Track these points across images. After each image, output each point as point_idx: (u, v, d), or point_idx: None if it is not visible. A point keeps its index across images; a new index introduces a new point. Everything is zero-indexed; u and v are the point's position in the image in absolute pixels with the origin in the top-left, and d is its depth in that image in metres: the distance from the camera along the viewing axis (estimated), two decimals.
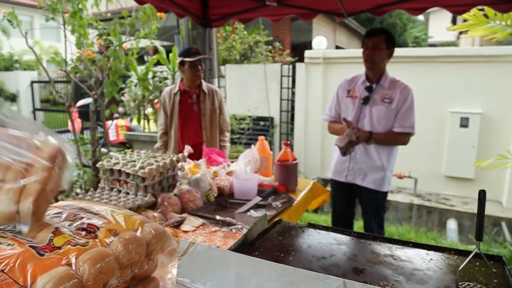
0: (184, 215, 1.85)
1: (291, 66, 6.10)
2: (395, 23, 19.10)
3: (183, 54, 2.99)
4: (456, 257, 1.17)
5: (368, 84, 2.63)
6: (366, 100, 2.60)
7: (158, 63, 5.49)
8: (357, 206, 2.89)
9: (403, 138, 2.57)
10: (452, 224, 4.32)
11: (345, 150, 2.42)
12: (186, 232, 1.69)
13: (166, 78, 4.86)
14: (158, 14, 3.77)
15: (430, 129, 4.95)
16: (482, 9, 3.10)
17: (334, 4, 3.06)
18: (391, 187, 4.92)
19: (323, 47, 6.18)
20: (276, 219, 1.60)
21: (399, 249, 1.23)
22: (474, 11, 3.01)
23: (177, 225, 1.75)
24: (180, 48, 4.33)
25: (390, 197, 4.82)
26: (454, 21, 10.87)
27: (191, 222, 1.78)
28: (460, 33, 12.91)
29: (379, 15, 3.19)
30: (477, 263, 1.10)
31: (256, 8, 3.36)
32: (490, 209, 4.39)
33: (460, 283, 1.00)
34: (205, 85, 3.15)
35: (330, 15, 9.50)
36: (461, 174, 4.80)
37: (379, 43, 2.49)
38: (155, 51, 5.54)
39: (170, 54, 5.52)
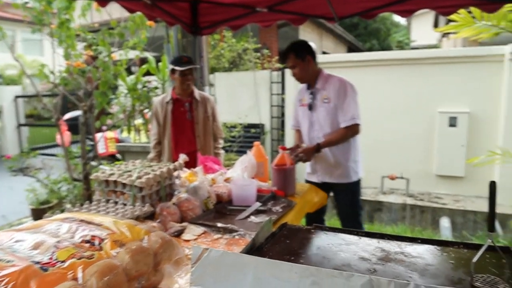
0: (184, 224, 1.82)
1: (280, 73, 6.13)
2: (379, 28, 19.41)
3: (174, 62, 2.98)
4: (466, 250, 1.17)
5: (310, 90, 2.76)
6: (311, 107, 2.73)
7: (147, 73, 5.46)
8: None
9: (350, 131, 2.63)
10: (445, 222, 4.36)
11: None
12: (187, 241, 1.66)
13: (156, 88, 4.83)
14: (148, 22, 3.76)
15: (419, 129, 5.01)
16: (469, 11, 3.16)
17: (325, 8, 3.08)
18: (384, 188, 5.01)
19: None
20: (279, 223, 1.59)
21: (408, 245, 1.22)
22: (462, 12, 3.06)
23: (178, 234, 1.72)
24: (170, 57, 4.32)
25: (383, 198, 4.85)
26: (435, 25, 11.07)
27: (192, 231, 1.75)
28: (443, 36, 13.15)
29: (369, 18, 3.22)
30: (487, 255, 1.10)
31: (246, 15, 3.37)
32: (481, 206, 4.45)
33: (474, 275, 1.00)
34: (197, 92, 3.14)
35: (318, 20, 9.61)
36: (451, 172, 4.86)
37: (293, 63, 2.66)
38: (142, 62, 5.52)
39: (160, 64, 5.50)
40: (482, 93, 4.71)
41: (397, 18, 25.92)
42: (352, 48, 15.20)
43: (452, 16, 3.09)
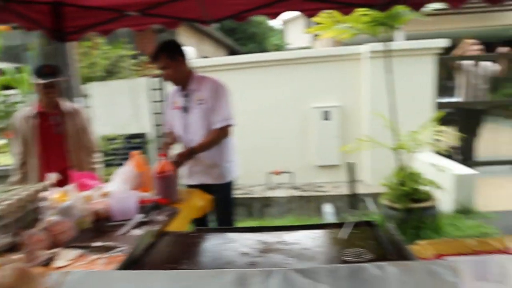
0: (55, 250, 1.62)
1: (159, 79, 5.96)
2: (256, 32, 20.28)
3: (36, 73, 2.68)
4: (338, 230, 1.26)
5: (183, 92, 2.71)
6: (185, 109, 2.69)
7: (7, 86, 4.81)
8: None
9: (223, 132, 2.65)
10: (327, 208, 4.70)
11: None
12: (60, 268, 1.48)
13: (18, 102, 4.28)
14: (1, 28, 3.30)
15: (298, 125, 5.37)
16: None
17: (198, 11, 3.08)
18: (271, 184, 5.23)
19: (191, 57, 6.18)
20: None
21: (287, 234, 1.27)
22: (324, 14, 3.33)
23: (47, 263, 1.52)
24: (33, 66, 3.87)
25: (270, 194, 5.06)
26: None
27: (65, 256, 1.57)
28: (314, 38, 14.33)
29: (241, 20, 3.31)
30: (356, 231, 1.20)
31: (116, 19, 3.18)
32: (357, 189, 4.93)
33: (344, 251, 1.07)
34: (65, 104, 2.86)
35: (197, 25, 9.60)
36: (330, 162, 5.30)
37: (164, 64, 2.59)
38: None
39: (21, 75, 4.89)
40: (348, 88, 5.25)
41: (272, 23, 27.47)
42: (232, 52, 15.61)
43: (318, 19, 3.35)
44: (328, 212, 4.69)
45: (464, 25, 10.80)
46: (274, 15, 3.25)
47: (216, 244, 1.24)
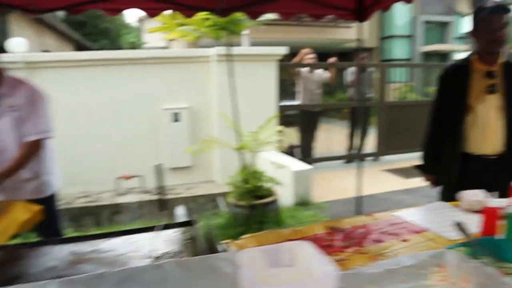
0: None
1: None
2: (109, 28, 19.03)
3: None
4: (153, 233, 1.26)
5: None
6: None
7: None
8: None
9: (37, 145, 2.32)
10: (179, 210, 4.70)
11: None
12: None
13: None
14: None
15: (147, 127, 5.21)
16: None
17: None
18: (121, 189, 4.97)
19: (22, 49, 5.46)
20: None
21: (104, 241, 1.21)
22: (167, 15, 3.30)
23: None
24: None
25: (120, 200, 4.81)
26: None
27: None
28: (171, 39, 14.14)
29: (76, 13, 3.06)
30: (176, 232, 1.21)
31: None
32: (207, 189, 5.07)
33: (160, 254, 1.07)
34: None
35: (20, 11, 8.50)
36: (181, 164, 5.31)
37: None
38: None
39: None
40: (198, 89, 5.33)
41: (128, 19, 26.20)
42: (80, 48, 14.34)
43: (161, 18, 3.31)
44: (181, 214, 4.69)
45: (305, 36, 12.12)
46: (114, 11, 3.10)
47: (22, 261, 1.11)
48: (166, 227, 1.30)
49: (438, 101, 2.38)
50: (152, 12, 3.08)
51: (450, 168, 2.25)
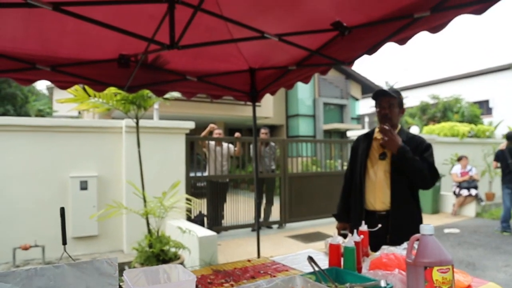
0: None
1: None
2: (15, 93, 18.17)
3: None
4: None
5: None
6: None
7: None
8: None
9: None
10: None
11: None
12: None
13: None
14: None
15: (53, 195, 5.12)
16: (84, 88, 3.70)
17: None
18: (18, 261, 4.71)
19: None
20: None
21: None
22: (76, 87, 3.55)
23: None
24: None
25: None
26: None
27: None
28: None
29: None
30: None
31: None
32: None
33: None
34: None
35: None
36: (87, 232, 5.20)
37: None
38: None
39: None
40: (108, 158, 5.45)
41: (39, 86, 25.27)
42: None
43: (69, 90, 3.53)
44: None
45: (217, 112, 12.94)
46: (25, 81, 3.16)
47: None
48: None
49: (349, 163, 2.84)
50: (63, 85, 3.21)
51: (355, 220, 2.63)
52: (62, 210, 1.30)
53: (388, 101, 2.56)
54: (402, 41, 2.30)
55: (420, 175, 2.43)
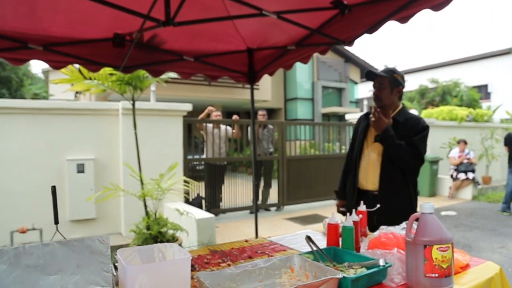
0: None
1: None
2: (10, 77, 17.98)
3: None
4: None
5: None
6: None
7: None
8: None
9: None
10: None
11: None
12: None
13: None
14: None
15: (50, 178, 5.08)
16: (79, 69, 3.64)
17: None
18: (15, 244, 4.67)
19: None
20: None
21: None
22: (70, 67, 3.47)
23: None
24: None
25: None
26: None
27: None
28: (78, 92, 13.87)
29: None
30: None
31: None
32: (113, 241, 4.99)
33: None
34: None
35: None
36: (84, 216, 5.19)
37: None
38: None
39: None
40: (105, 140, 5.40)
41: (34, 70, 25.00)
42: None
43: (63, 71, 3.46)
44: None
45: (215, 95, 12.85)
46: (17, 61, 3.10)
47: None
48: None
49: (350, 143, 2.85)
50: (56, 65, 3.14)
51: (350, 199, 2.68)
52: (54, 189, 1.27)
53: (378, 81, 2.52)
54: (403, 20, 2.24)
55: (401, 160, 2.42)
